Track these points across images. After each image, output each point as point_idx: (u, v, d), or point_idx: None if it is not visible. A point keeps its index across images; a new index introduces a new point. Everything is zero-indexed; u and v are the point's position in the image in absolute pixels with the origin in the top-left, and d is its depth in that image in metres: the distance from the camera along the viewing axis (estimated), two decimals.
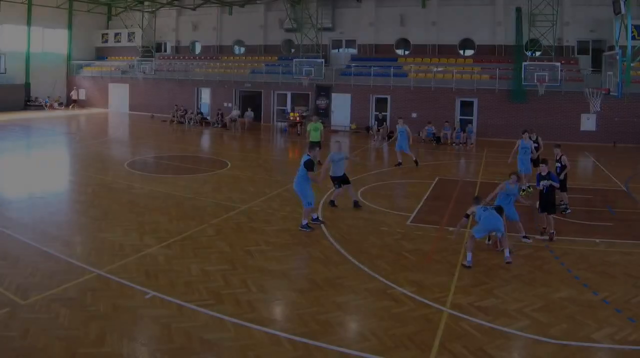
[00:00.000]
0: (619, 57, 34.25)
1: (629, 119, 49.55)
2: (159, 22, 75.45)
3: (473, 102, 54.81)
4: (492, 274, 16.65)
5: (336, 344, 12.05)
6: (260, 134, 54.92)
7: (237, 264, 16.82)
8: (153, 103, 69.17)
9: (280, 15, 67.40)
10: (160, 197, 25.40)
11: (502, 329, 13.00)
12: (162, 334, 12.24)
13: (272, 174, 31.98)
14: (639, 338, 12.61)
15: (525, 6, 54.33)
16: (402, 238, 20.07)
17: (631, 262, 17.98)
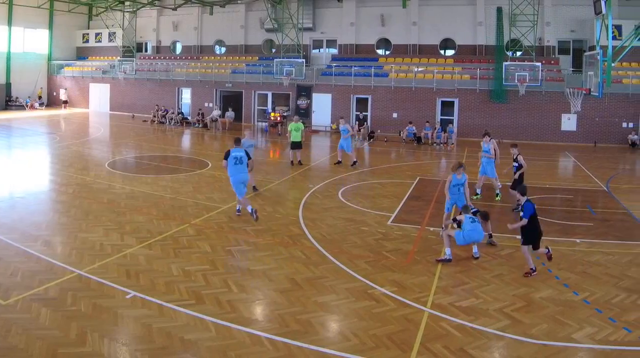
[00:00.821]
0: (599, 57, 34.30)
1: (610, 119, 49.96)
2: (140, 22, 75.43)
3: (454, 102, 55.10)
4: (473, 274, 16.69)
5: (317, 344, 12.05)
6: (241, 134, 54.86)
7: (218, 264, 16.80)
8: (134, 103, 69.17)
9: (261, 15, 67.51)
10: (141, 197, 25.35)
11: (482, 329, 13.02)
12: (142, 334, 12.21)
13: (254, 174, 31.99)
14: (619, 338, 12.66)
15: (506, 6, 54.75)
16: (383, 238, 20.10)
17: (612, 262, 18.05)
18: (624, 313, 13.99)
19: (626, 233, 21.65)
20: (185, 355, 11.40)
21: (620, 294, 15.24)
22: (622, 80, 50.07)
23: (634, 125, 50.50)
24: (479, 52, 59.92)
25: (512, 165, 25.06)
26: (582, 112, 45.38)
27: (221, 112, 60.46)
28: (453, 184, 20.21)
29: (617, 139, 50.26)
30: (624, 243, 20.20)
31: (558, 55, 58.30)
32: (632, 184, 32.85)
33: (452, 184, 20.20)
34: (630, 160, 43.67)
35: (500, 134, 50.46)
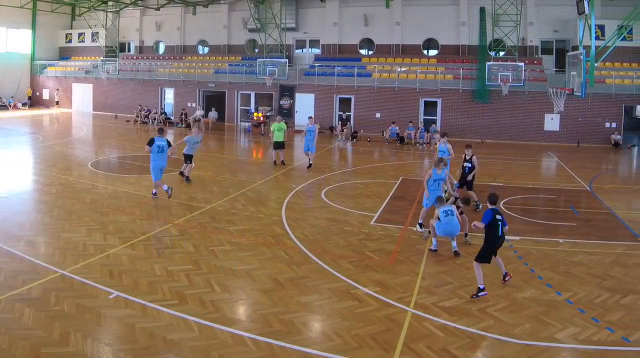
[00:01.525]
0: (582, 57, 34.43)
1: (593, 119, 50.15)
2: (123, 22, 75.23)
3: (437, 102, 55.21)
4: (456, 274, 16.75)
5: (300, 344, 12.05)
6: (223, 134, 54.93)
7: (201, 264, 16.77)
8: (117, 103, 68.97)
9: (244, 15, 67.43)
10: (124, 197, 25.29)
11: (466, 329, 13.06)
12: (125, 334, 12.18)
13: (236, 174, 31.89)
14: (602, 338, 12.72)
15: (489, 6, 54.72)
16: (366, 238, 20.12)
17: (595, 262, 18.12)
18: (606, 313, 14.05)
19: (609, 233, 21.74)
20: (168, 355, 11.39)
21: (603, 294, 15.30)
22: (605, 80, 50.28)
23: (617, 125, 50.74)
24: (462, 52, 60.04)
25: (464, 166, 24.96)
26: (565, 112, 45.54)
27: (204, 112, 60.35)
28: (433, 179, 20.52)
29: (600, 139, 50.45)
30: (607, 243, 20.29)
31: (541, 55, 58.50)
32: (615, 184, 32.99)
33: (432, 179, 20.55)
34: (613, 160, 43.87)
35: (483, 134, 50.77)
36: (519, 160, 40.51)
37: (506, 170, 35.29)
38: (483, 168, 30.01)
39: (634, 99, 51.05)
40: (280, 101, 60.37)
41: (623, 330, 13.07)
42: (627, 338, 12.68)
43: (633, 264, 18.03)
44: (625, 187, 32.48)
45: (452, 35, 60.64)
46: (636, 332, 12.98)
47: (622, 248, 19.73)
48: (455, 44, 60.68)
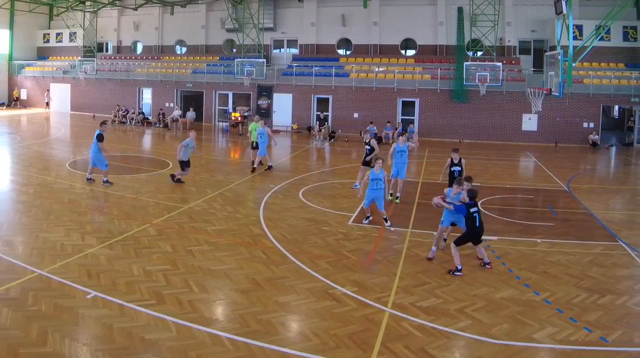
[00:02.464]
0: (560, 57, 34.58)
1: (571, 119, 50.39)
2: (101, 22, 74.92)
3: (415, 102, 55.24)
4: (434, 274, 16.73)
5: (278, 344, 12.02)
6: (201, 134, 54.69)
7: (178, 264, 16.72)
8: (95, 103, 68.70)
9: (222, 15, 67.39)
10: (102, 197, 25.27)
11: (443, 329, 13.05)
12: (103, 334, 12.11)
13: (214, 174, 31.84)
14: (580, 338, 12.75)
15: (467, 6, 55.04)
16: (344, 238, 20.12)
17: (572, 262, 18.17)
18: (584, 313, 14.09)
19: (587, 234, 21.83)
20: (146, 355, 11.34)
21: (581, 294, 15.34)
22: (583, 80, 50.61)
23: (595, 125, 51.01)
24: (439, 52, 60.24)
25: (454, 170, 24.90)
26: (543, 112, 45.74)
27: (182, 112, 60.32)
28: (371, 178, 21.03)
29: (578, 139, 50.74)
30: (585, 243, 20.36)
31: (519, 55, 58.82)
32: (593, 184, 33.16)
33: (370, 178, 21.11)
34: (591, 160, 44.09)
35: (461, 134, 50.97)
36: (497, 160, 40.64)
37: (484, 170, 35.36)
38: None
39: (611, 99, 51.50)
40: (258, 101, 60.43)
41: (601, 330, 13.10)
42: (605, 338, 12.70)
43: (611, 264, 18.09)
44: (603, 187, 32.63)
45: (430, 35, 60.84)
46: (614, 332, 13.01)
47: (599, 249, 19.81)
48: (433, 44, 60.88)
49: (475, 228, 17.07)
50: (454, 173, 24.57)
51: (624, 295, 15.38)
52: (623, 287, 16.05)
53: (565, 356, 12.06)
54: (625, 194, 30.85)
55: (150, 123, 60.32)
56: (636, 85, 50.34)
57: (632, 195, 30.77)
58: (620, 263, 18.29)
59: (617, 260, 18.53)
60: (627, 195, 30.75)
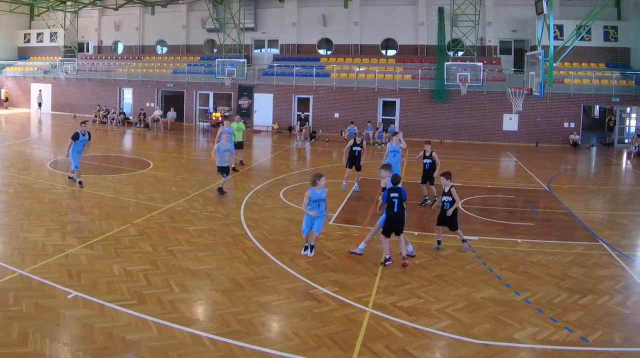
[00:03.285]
0: (541, 57, 34.64)
1: (552, 119, 50.57)
2: (81, 22, 74.57)
3: (395, 102, 55.40)
4: (414, 274, 16.75)
5: (258, 344, 12.03)
6: (182, 134, 54.76)
7: (159, 264, 16.70)
8: (75, 103, 68.48)
9: (203, 15, 67.35)
10: (82, 197, 25.15)
11: (424, 329, 13.08)
12: (84, 334, 12.08)
13: (195, 174, 31.79)
14: (561, 338, 12.79)
15: (447, 6, 55.19)
16: (324, 238, 20.05)
17: (553, 262, 18.24)
18: (565, 313, 14.14)
19: (567, 234, 21.94)
20: (126, 355, 11.31)
21: (562, 294, 15.40)
22: (564, 80, 50.85)
23: (576, 125, 51.28)
24: (420, 52, 60.42)
25: (425, 162, 25.01)
26: (524, 112, 45.88)
27: (163, 112, 60.17)
28: (312, 199, 18.09)
29: (559, 139, 50.96)
30: (566, 243, 20.44)
31: (500, 55, 59.07)
32: (574, 184, 33.27)
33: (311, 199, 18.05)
34: (572, 160, 44.24)
35: (441, 134, 51.13)
36: (478, 160, 40.76)
37: (465, 170, 35.44)
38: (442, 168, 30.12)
39: (592, 99, 51.75)
40: (239, 101, 60.43)
41: (582, 330, 13.14)
42: (585, 338, 12.74)
43: (591, 264, 18.15)
44: (584, 187, 32.76)
45: (411, 35, 61.03)
46: (595, 332, 13.05)
47: (580, 249, 19.88)
48: (413, 44, 61.07)
49: (393, 214, 17.24)
50: (425, 165, 24.67)
51: (604, 295, 15.43)
52: (604, 287, 16.08)
53: (546, 356, 12.10)
54: (606, 194, 30.94)
55: (131, 123, 60.14)
56: (617, 85, 50.65)
57: (612, 195, 30.88)
58: (601, 263, 18.35)
59: (598, 260, 18.59)
60: (608, 195, 30.83)
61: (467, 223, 22.31)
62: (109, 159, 36.80)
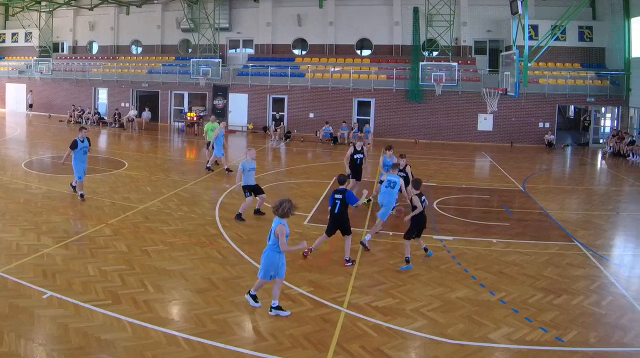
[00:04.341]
0: (516, 57, 34.80)
1: (527, 119, 50.78)
2: (56, 22, 74.13)
3: (370, 102, 55.53)
4: (389, 274, 16.84)
5: (233, 344, 12.05)
6: (157, 134, 54.67)
7: (134, 264, 16.68)
8: (51, 103, 68.04)
9: (178, 15, 67.06)
10: (57, 197, 25.04)
11: (399, 329, 13.14)
12: (59, 334, 12.06)
13: (170, 174, 31.71)
14: (536, 338, 12.87)
15: (422, 6, 55.28)
16: (300, 239, 19.94)
17: (528, 262, 18.36)
18: (540, 313, 14.24)
19: (542, 234, 22.08)
20: (101, 355, 11.31)
21: (537, 294, 15.51)
22: (539, 80, 51.15)
23: (550, 125, 51.57)
24: (395, 52, 60.54)
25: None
26: (499, 112, 46.05)
27: (137, 112, 60.06)
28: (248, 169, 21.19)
29: (534, 139, 51.21)
30: (540, 243, 20.58)
31: (474, 55, 59.30)
32: (549, 184, 33.49)
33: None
34: (547, 160, 44.47)
35: (416, 134, 51.23)
36: (453, 160, 40.86)
37: (440, 170, 35.52)
38: (417, 168, 30.15)
39: (567, 99, 52.06)
40: (213, 101, 60.40)
41: (556, 330, 13.25)
42: (560, 338, 12.86)
43: (566, 264, 18.29)
44: (559, 187, 32.96)
45: (386, 35, 61.15)
46: (570, 332, 13.17)
47: (555, 249, 20.04)
48: (388, 44, 61.20)
49: (333, 215, 17.70)
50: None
51: (579, 295, 15.55)
52: (578, 287, 16.21)
53: (520, 356, 12.19)
54: (580, 194, 31.14)
55: (106, 123, 59.93)
56: (591, 85, 50.97)
57: (587, 195, 31.06)
58: (575, 263, 18.48)
59: (573, 260, 18.73)
60: (583, 195, 31.03)
61: (442, 224, 22.45)
62: None
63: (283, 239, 13.34)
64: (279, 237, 13.33)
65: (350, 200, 17.51)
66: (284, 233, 13.39)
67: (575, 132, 58.27)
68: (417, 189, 17.79)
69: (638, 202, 30.06)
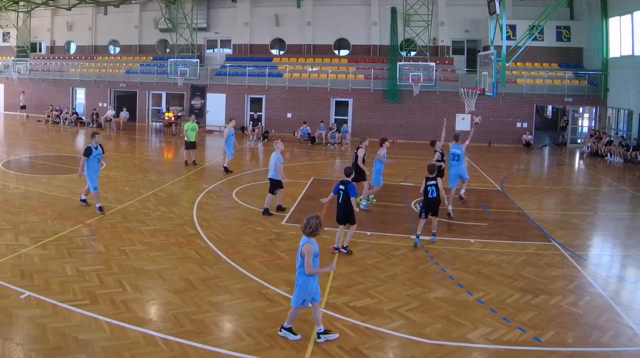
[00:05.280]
0: (494, 57, 34.91)
1: (504, 119, 50.90)
2: (34, 22, 73.78)
3: (348, 102, 55.55)
4: (367, 274, 16.87)
5: (211, 344, 12.06)
6: (135, 134, 54.50)
7: (112, 264, 16.65)
8: (28, 103, 67.46)
9: (155, 15, 66.94)
10: (35, 197, 24.96)
11: (377, 329, 13.17)
12: (37, 334, 12.04)
13: (147, 174, 31.62)
14: (513, 338, 12.92)
15: (400, 6, 55.57)
16: (277, 239, 20.24)
17: (506, 262, 18.43)
18: (518, 313, 14.30)
19: (520, 233, 22.18)
20: (79, 355, 11.29)
21: (515, 294, 15.57)
22: (517, 80, 51.34)
23: (528, 125, 51.74)
24: (373, 52, 60.64)
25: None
26: (477, 112, 45.99)
27: (115, 112, 59.98)
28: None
29: (512, 139, 51.41)
30: (518, 243, 20.66)
31: (452, 55, 59.49)
32: (526, 184, 33.63)
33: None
34: (525, 160, 44.65)
35: (394, 134, 51.14)
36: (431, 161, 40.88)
37: (418, 170, 35.44)
38: (395, 168, 30.27)
39: (545, 99, 52.31)
40: (191, 101, 60.28)
41: (534, 330, 13.30)
42: (538, 338, 12.92)
43: (544, 264, 18.37)
44: (536, 187, 33.06)
45: (364, 35, 61.28)
46: (547, 332, 13.22)
47: (533, 249, 20.12)
48: (366, 44, 61.33)
49: (338, 205, 18.49)
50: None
51: (557, 295, 15.63)
52: (556, 287, 16.28)
53: (498, 356, 12.23)
54: (558, 194, 31.28)
55: (84, 123, 59.68)
56: (569, 85, 51.16)
57: (565, 195, 31.19)
58: (553, 263, 18.56)
59: (551, 260, 18.82)
60: (560, 195, 31.17)
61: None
62: (61, 159, 36.53)
63: (309, 261, 12.17)
64: (306, 257, 12.21)
65: (352, 192, 18.02)
66: (311, 253, 12.22)
67: (553, 132, 58.55)
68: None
69: (616, 202, 30.21)
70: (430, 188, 19.91)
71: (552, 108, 63.69)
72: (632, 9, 44.12)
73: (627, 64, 45.62)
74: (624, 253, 20.63)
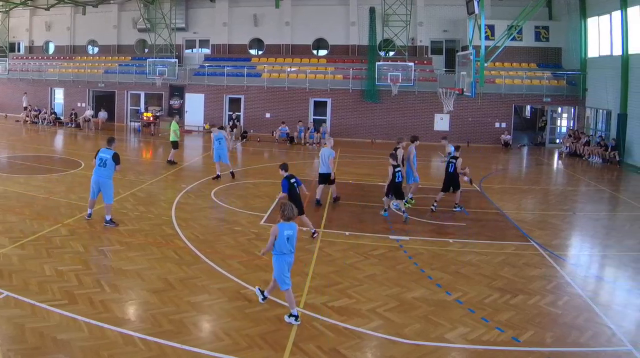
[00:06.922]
0: (472, 57, 34.98)
1: (483, 119, 51.04)
2: (12, 22, 73.36)
3: (327, 102, 55.56)
4: (346, 274, 16.84)
5: (190, 344, 12.03)
6: (114, 134, 54.06)
7: (90, 264, 16.60)
8: (7, 103, 67.32)
9: (134, 15, 66.73)
10: (13, 197, 24.80)
11: (355, 329, 13.16)
12: (15, 334, 12.00)
13: (126, 174, 31.36)
14: (492, 338, 12.95)
15: (379, 6, 55.70)
16: (256, 238, 20.16)
17: (484, 262, 18.45)
18: (496, 313, 14.32)
19: (498, 233, 22.23)
20: (58, 355, 11.24)
21: (493, 294, 15.59)
22: (495, 80, 51.48)
23: (507, 125, 51.94)
24: (351, 52, 60.68)
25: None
26: (455, 112, 46.10)
27: (94, 112, 59.70)
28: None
29: (490, 139, 51.53)
30: (497, 243, 20.71)
31: (431, 55, 59.53)
32: (505, 184, 33.74)
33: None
34: (503, 160, 44.84)
35: (373, 134, 51.35)
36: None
37: None
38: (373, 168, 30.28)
39: (523, 99, 52.53)
40: (170, 101, 60.14)
41: (513, 330, 13.33)
42: (517, 338, 12.94)
43: (522, 264, 18.41)
44: (515, 187, 33.20)
45: (342, 36, 61.27)
46: (526, 332, 13.25)
47: (511, 249, 20.16)
48: (345, 44, 61.34)
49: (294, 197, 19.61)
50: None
51: (535, 295, 15.66)
52: (535, 287, 16.32)
53: (477, 356, 12.26)
54: (536, 194, 31.41)
55: (63, 123, 59.43)
56: (548, 85, 51.38)
57: (543, 195, 31.34)
58: (532, 263, 18.61)
59: (529, 260, 18.85)
60: (539, 195, 31.31)
61: (398, 224, 22.54)
62: (40, 159, 36.30)
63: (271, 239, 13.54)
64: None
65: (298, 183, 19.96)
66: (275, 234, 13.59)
67: (532, 132, 58.83)
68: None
69: (594, 202, 30.33)
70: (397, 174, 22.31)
71: (531, 108, 64.00)
72: (610, 9, 44.33)
73: (606, 64, 45.83)
74: (602, 253, 20.67)
